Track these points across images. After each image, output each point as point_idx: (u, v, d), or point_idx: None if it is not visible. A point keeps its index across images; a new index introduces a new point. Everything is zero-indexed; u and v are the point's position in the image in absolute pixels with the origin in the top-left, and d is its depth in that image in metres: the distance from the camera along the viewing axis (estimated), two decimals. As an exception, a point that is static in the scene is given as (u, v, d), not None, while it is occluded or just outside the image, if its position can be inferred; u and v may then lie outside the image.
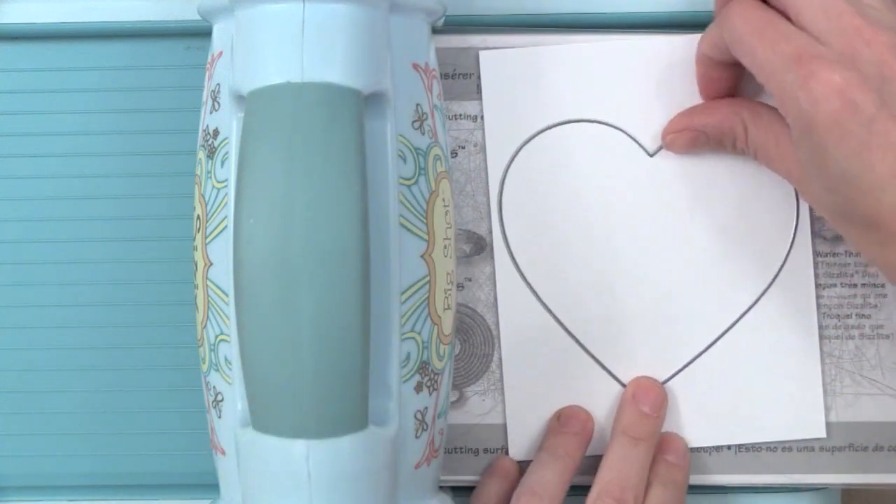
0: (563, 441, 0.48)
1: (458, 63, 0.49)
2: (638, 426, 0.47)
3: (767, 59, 0.41)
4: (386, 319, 0.41)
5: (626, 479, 0.46)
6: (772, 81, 0.41)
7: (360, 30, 0.40)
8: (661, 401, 0.48)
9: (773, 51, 0.41)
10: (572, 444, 0.48)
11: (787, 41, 0.41)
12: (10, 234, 0.50)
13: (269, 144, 0.38)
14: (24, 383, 0.51)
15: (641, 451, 0.47)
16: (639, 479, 0.46)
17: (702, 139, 0.47)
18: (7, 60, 0.50)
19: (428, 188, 0.43)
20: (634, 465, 0.47)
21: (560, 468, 0.47)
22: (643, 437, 0.47)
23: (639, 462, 0.47)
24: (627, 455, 0.47)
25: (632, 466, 0.47)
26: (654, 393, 0.48)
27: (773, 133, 0.45)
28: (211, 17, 0.44)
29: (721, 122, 0.46)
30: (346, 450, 0.39)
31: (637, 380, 0.49)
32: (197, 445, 0.50)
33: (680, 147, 0.48)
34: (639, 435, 0.47)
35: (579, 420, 0.48)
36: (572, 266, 0.48)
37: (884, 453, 0.49)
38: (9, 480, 0.51)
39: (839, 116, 0.39)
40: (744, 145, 0.46)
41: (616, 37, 0.48)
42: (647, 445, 0.47)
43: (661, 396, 0.48)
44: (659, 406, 0.48)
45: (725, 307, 0.48)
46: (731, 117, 0.46)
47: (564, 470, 0.47)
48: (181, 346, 0.50)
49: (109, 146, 0.50)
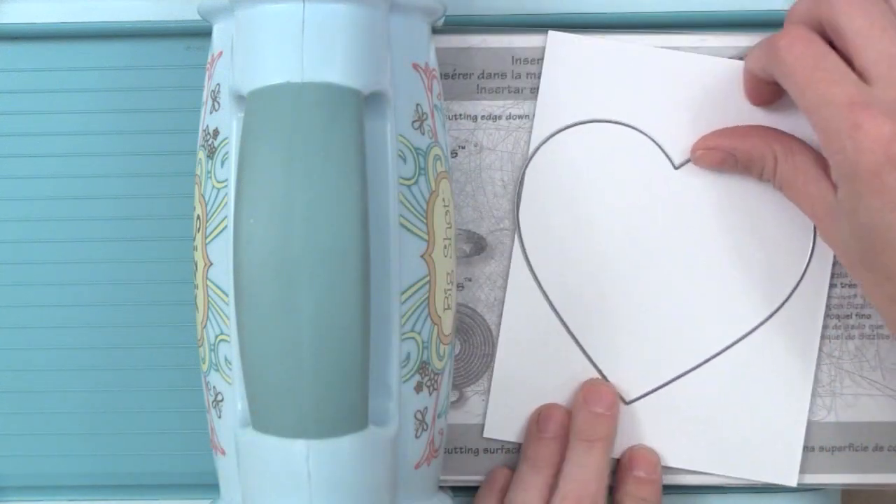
0: (542, 450, 0.48)
1: (458, 63, 0.49)
2: (591, 428, 0.47)
3: (817, 102, 0.41)
4: (386, 319, 0.41)
5: (584, 488, 0.46)
6: (819, 123, 0.41)
7: (360, 30, 0.40)
8: (612, 399, 0.48)
9: (824, 93, 0.40)
10: (551, 453, 0.48)
11: (839, 84, 0.40)
12: (10, 234, 0.50)
13: (269, 144, 0.38)
14: (24, 383, 0.51)
15: (597, 453, 0.47)
16: (598, 486, 0.46)
17: (730, 161, 0.47)
18: (7, 60, 0.50)
19: (428, 188, 0.43)
20: (592, 470, 0.47)
21: (541, 484, 0.47)
22: (598, 438, 0.47)
23: (596, 467, 0.47)
24: (583, 461, 0.47)
25: (589, 473, 0.47)
26: (604, 391, 0.48)
27: (802, 171, 0.44)
28: (211, 17, 0.44)
29: (752, 149, 0.46)
30: (346, 450, 0.39)
31: (586, 383, 0.48)
32: (197, 445, 0.50)
33: (707, 164, 0.47)
34: (593, 436, 0.47)
35: (556, 421, 0.48)
36: (580, 261, 0.48)
37: (884, 453, 0.49)
38: (9, 480, 0.51)
39: (881, 169, 0.39)
40: (770, 177, 0.46)
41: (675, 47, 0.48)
42: (602, 446, 0.47)
43: (611, 395, 0.48)
44: (611, 404, 0.48)
45: (725, 329, 0.48)
46: (762, 147, 0.46)
47: (544, 484, 0.47)
48: (181, 346, 0.50)
49: (109, 146, 0.50)
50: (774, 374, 0.48)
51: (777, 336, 0.48)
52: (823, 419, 0.49)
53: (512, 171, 0.49)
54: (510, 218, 0.49)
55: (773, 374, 0.48)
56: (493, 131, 0.49)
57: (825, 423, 0.49)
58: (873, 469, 0.49)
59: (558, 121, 0.48)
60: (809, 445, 0.49)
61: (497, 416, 0.49)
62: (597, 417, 0.47)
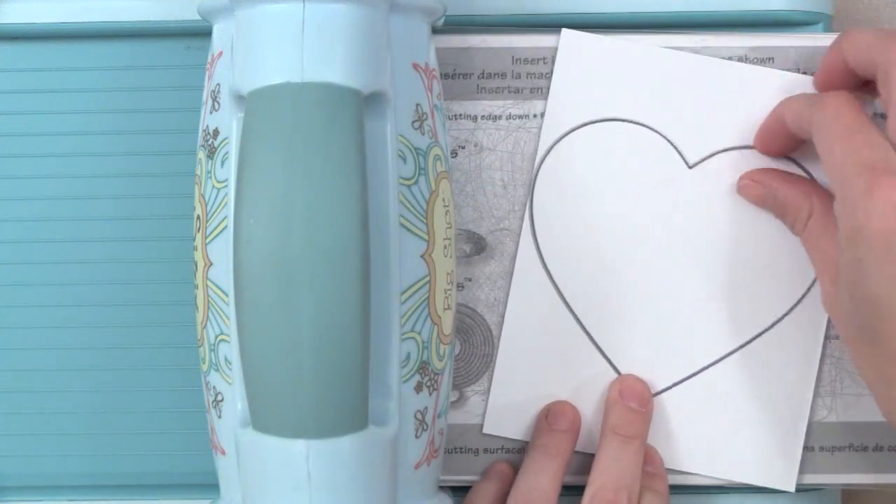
0: (554, 439, 0.48)
1: (458, 63, 0.49)
2: (628, 424, 0.47)
3: (843, 161, 0.40)
4: (386, 319, 0.41)
5: (620, 480, 0.46)
6: (839, 182, 0.40)
7: (360, 30, 0.40)
8: (647, 396, 0.48)
9: (852, 154, 0.40)
10: (563, 442, 0.48)
11: (869, 148, 0.40)
12: (10, 234, 0.50)
13: (269, 144, 0.38)
14: (24, 383, 0.51)
15: (633, 449, 0.47)
16: (632, 480, 0.46)
17: (769, 200, 0.47)
18: (7, 60, 0.50)
19: (428, 188, 0.43)
20: (628, 465, 0.46)
21: (554, 469, 0.47)
22: (634, 435, 0.47)
23: (632, 462, 0.46)
24: (619, 455, 0.47)
25: (625, 467, 0.46)
26: (640, 388, 0.48)
27: (829, 232, 0.44)
28: (211, 17, 0.44)
29: (794, 197, 0.46)
30: (346, 450, 0.39)
31: (621, 378, 0.48)
32: (197, 445, 0.50)
33: (747, 194, 0.47)
34: (630, 433, 0.47)
35: (567, 417, 0.48)
36: (591, 258, 0.48)
37: (884, 453, 0.49)
38: (9, 480, 0.51)
39: (889, 235, 0.38)
40: (801, 229, 0.46)
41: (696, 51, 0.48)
42: (638, 443, 0.47)
43: (647, 392, 0.48)
44: (646, 401, 0.48)
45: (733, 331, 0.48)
46: (803, 198, 0.46)
47: (558, 470, 0.47)
48: (181, 346, 0.50)
49: (109, 146, 0.50)
50: (776, 379, 0.48)
51: (782, 341, 0.48)
52: (824, 419, 0.49)
53: (512, 171, 0.49)
54: (510, 218, 0.49)
55: (775, 379, 0.48)
56: (493, 131, 0.49)
57: (825, 422, 0.49)
58: (873, 469, 0.49)
59: (570, 119, 0.48)
60: (809, 445, 0.49)
61: (497, 412, 0.49)
62: (633, 413, 0.47)
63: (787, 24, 0.49)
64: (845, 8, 0.56)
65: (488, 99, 0.49)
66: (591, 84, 0.48)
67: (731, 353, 0.48)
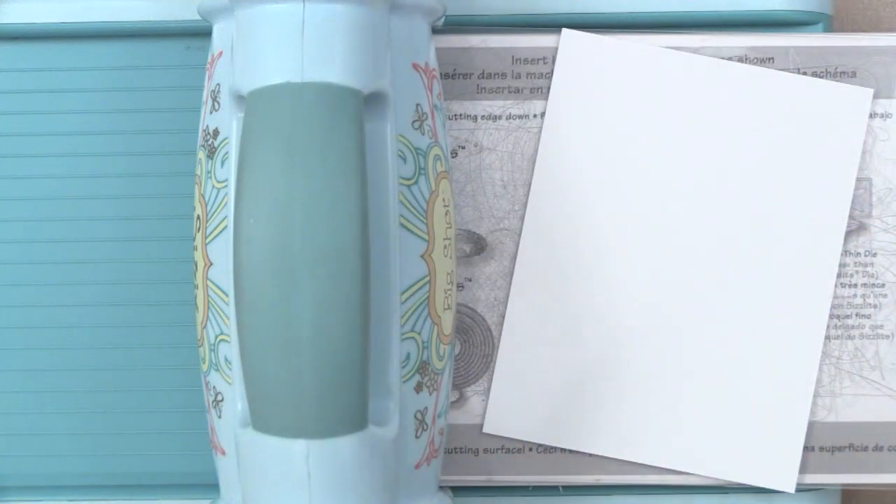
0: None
1: (458, 63, 0.49)
2: None
3: None
4: (386, 319, 0.41)
5: None
6: None
7: (360, 30, 0.40)
8: None
9: None
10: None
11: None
12: (10, 234, 0.50)
13: (269, 144, 0.38)
14: (24, 383, 0.51)
15: None
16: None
17: None
18: (7, 60, 0.50)
19: (428, 188, 0.43)
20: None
21: None
22: None
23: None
24: None
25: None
26: None
27: None
28: (211, 17, 0.44)
29: None
30: (346, 450, 0.39)
31: None
32: (197, 445, 0.50)
33: None
34: None
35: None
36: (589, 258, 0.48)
37: (884, 453, 0.49)
38: (9, 480, 0.51)
39: None
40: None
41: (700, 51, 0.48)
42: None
43: None
44: None
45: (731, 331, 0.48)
46: None
47: None
48: (181, 346, 0.50)
49: (109, 146, 0.50)
50: (776, 379, 0.48)
51: (779, 339, 0.48)
52: (823, 419, 0.49)
53: (512, 171, 0.49)
54: (510, 218, 0.49)
55: (774, 379, 0.48)
56: (493, 131, 0.49)
57: (825, 423, 0.49)
58: (873, 469, 0.49)
59: (571, 119, 0.48)
60: (809, 445, 0.49)
61: (497, 412, 0.49)
62: None
63: (786, 24, 0.49)
64: (845, 8, 0.56)
65: (488, 99, 0.49)
66: (592, 84, 0.48)
67: (731, 352, 0.48)
